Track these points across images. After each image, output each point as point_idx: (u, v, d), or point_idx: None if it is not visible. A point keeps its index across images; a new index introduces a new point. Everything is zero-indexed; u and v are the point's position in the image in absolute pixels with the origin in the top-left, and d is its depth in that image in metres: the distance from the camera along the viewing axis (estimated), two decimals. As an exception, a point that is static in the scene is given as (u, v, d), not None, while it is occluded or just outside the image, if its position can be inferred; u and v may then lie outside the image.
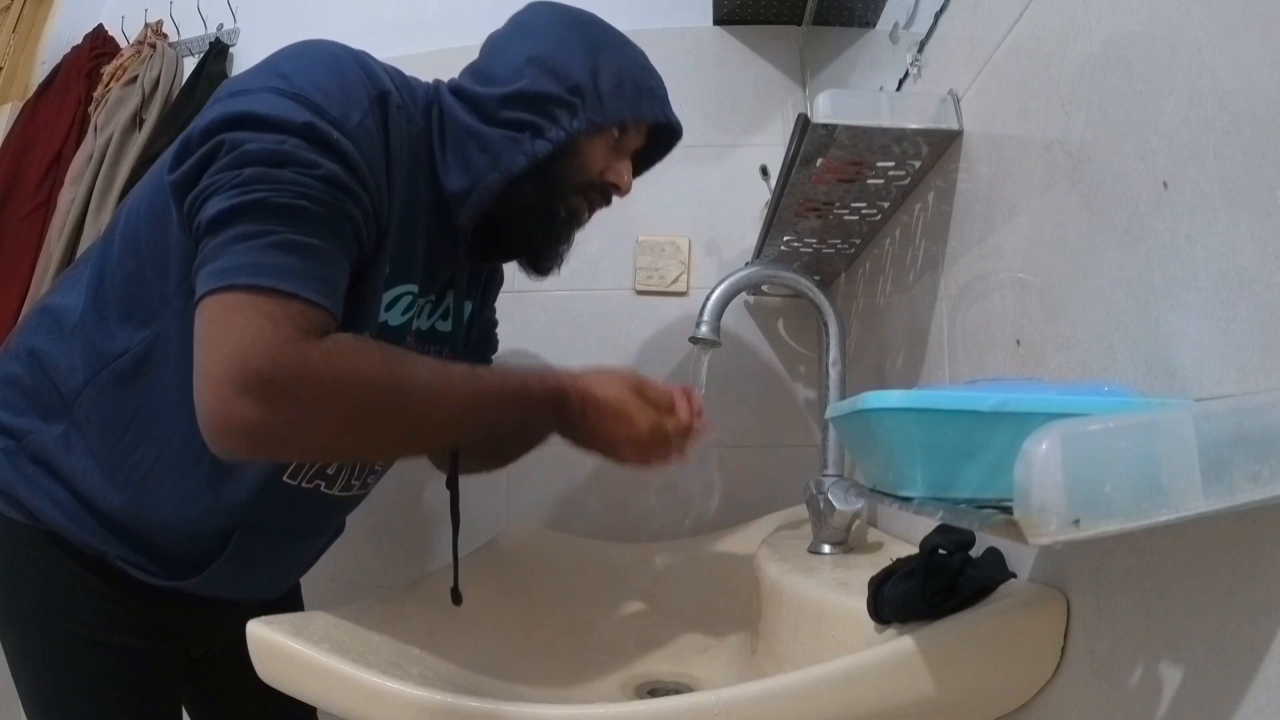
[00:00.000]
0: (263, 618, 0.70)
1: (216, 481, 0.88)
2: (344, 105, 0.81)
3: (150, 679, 0.95)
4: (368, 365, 0.77)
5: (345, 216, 0.79)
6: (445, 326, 1.05)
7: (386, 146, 0.85)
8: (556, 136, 0.92)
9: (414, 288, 0.94)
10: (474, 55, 1.00)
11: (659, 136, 1.06)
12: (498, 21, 1.77)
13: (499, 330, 1.28)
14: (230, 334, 0.72)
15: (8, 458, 0.89)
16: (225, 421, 0.72)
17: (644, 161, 1.09)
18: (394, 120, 0.86)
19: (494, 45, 1.00)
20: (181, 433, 0.86)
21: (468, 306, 1.10)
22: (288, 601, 1.12)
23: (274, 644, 0.68)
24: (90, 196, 1.78)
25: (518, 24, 1.01)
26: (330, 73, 0.83)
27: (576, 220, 1.03)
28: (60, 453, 0.88)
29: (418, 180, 0.91)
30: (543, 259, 1.05)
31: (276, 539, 0.98)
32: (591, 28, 0.99)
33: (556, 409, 0.89)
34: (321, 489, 0.96)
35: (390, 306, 0.92)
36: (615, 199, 1.04)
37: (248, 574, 0.96)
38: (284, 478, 0.91)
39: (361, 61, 0.87)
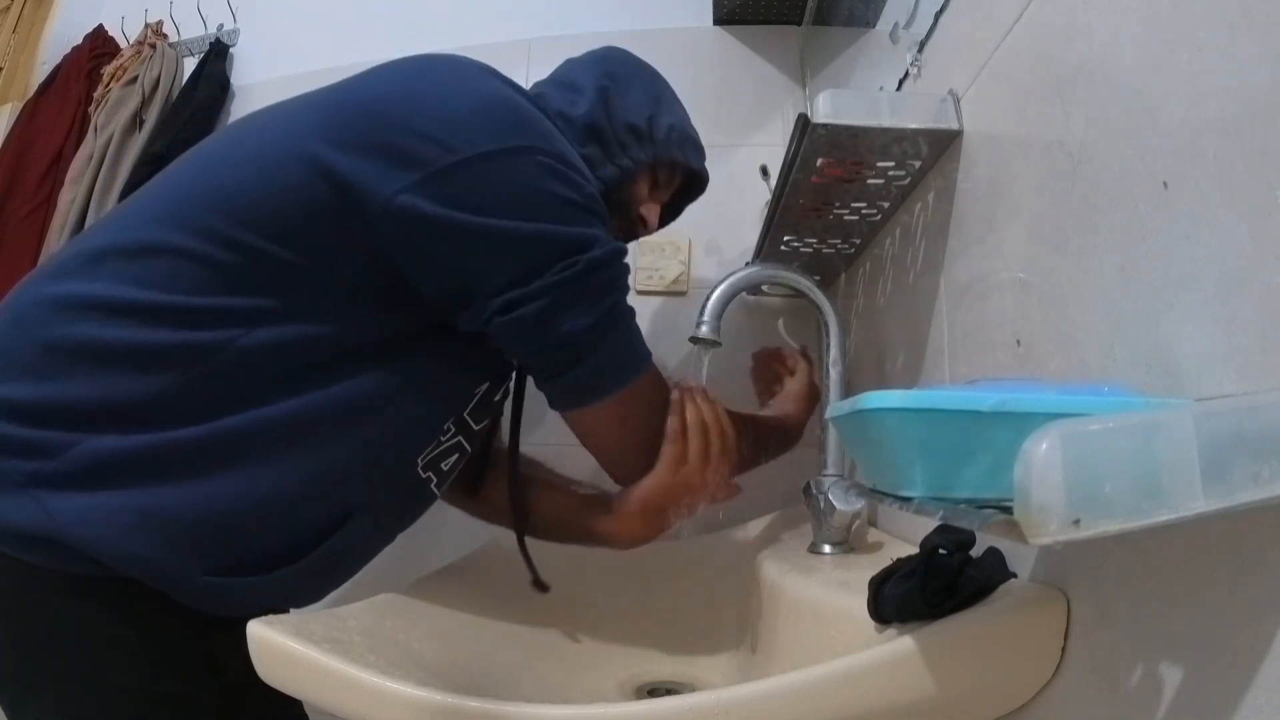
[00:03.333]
0: (263, 618, 0.70)
1: (348, 456, 0.85)
2: (573, 153, 0.90)
3: None
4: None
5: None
6: None
7: None
8: (626, 164, 1.03)
9: None
10: (475, 55, 1.00)
11: (687, 188, 1.20)
12: (496, 22, 1.78)
13: None
14: (635, 411, 0.94)
15: (33, 488, 0.74)
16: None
17: (669, 213, 1.22)
18: None
19: (577, 76, 1.07)
20: (292, 405, 0.82)
21: None
22: None
23: (274, 644, 0.68)
24: (90, 196, 1.78)
25: (609, 68, 1.07)
26: (539, 123, 0.88)
27: None
28: (117, 464, 0.76)
29: None
30: None
31: (376, 533, 0.94)
32: (660, 81, 1.12)
33: None
34: (432, 485, 0.96)
35: None
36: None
37: (332, 570, 0.91)
38: (418, 460, 0.92)
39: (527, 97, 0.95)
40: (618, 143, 1.02)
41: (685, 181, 1.17)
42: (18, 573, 0.75)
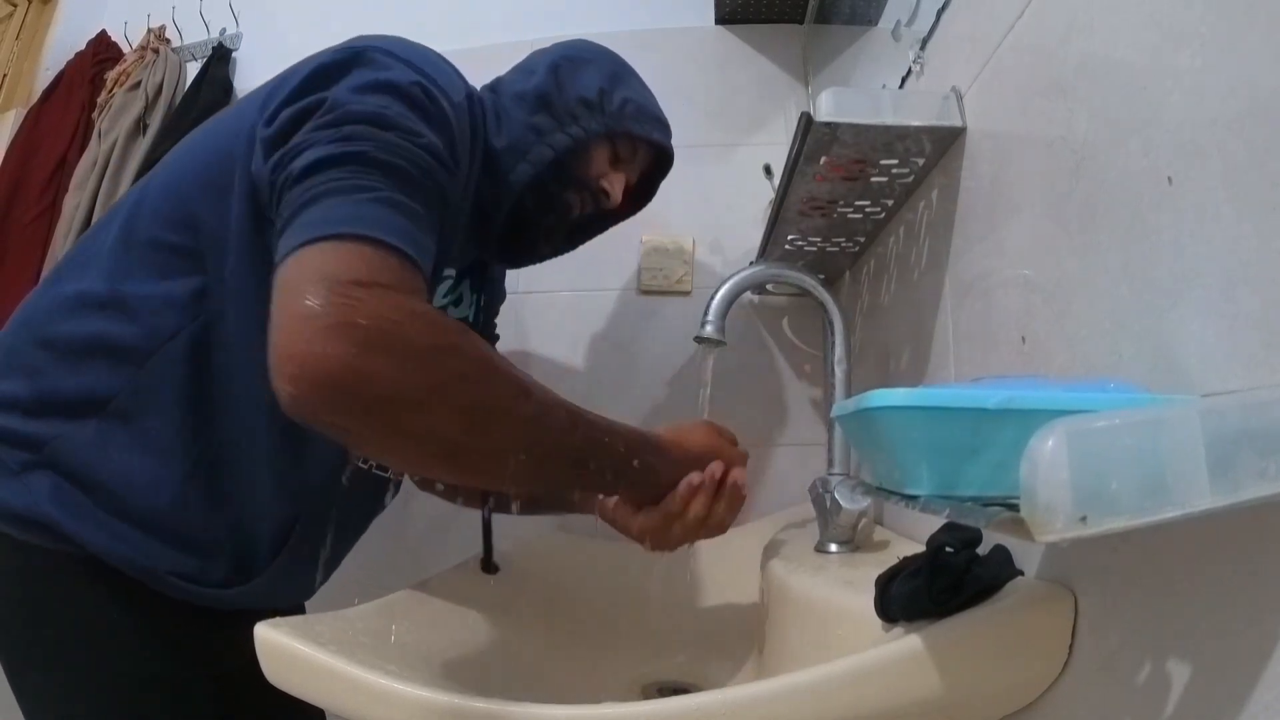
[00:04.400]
0: (270, 620, 0.70)
1: (289, 460, 0.86)
2: (448, 80, 0.86)
3: (189, 709, 0.87)
4: (472, 345, 0.68)
5: (439, 189, 0.78)
6: (460, 314, 1.07)
7: (471, 131, 0.90)
8: (576, 134, 1.00)
9: (453, 271, 0.98)
10: (476, 57, 1.01)
11: (658, 166, 1.17)
12: (499, 24, 1.78)
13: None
14: (327, 275, 0.63)
15: (26, 474, 0.79)
16: (311, 363, 0.60)
17: (638, 197, 1.19)
18: (474, 109, 0.93)
19: (536, 61, 1.07)
20: (252, 406, 0.83)
21: (475, 297, 1.13)
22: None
23: (281, 646, 0.68)
24: (95, 202, 1.78)
25: (567, 52, 1.08)
26: (431, 54, 0.90)
27: (568, 210, 1.07)
28: (94, 455, 0.80)
29: (475, 169, 0.95)
30: (535, 242, 1.08)
31: (332, 530, 0.96)
32: (621, 64, 1.11)
33: (650, 448, 0.83)
34: (373, 469, 0.96)
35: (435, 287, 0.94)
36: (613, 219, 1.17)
37: (299, 572, 0.95)
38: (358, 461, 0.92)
39: (448, 60, 0.93)
40: (568, 113, 1.01)
41: (656, 159, 1.16)
42: (24, 553, 0.80)
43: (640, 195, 1.19)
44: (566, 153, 1.00)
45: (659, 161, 1.16)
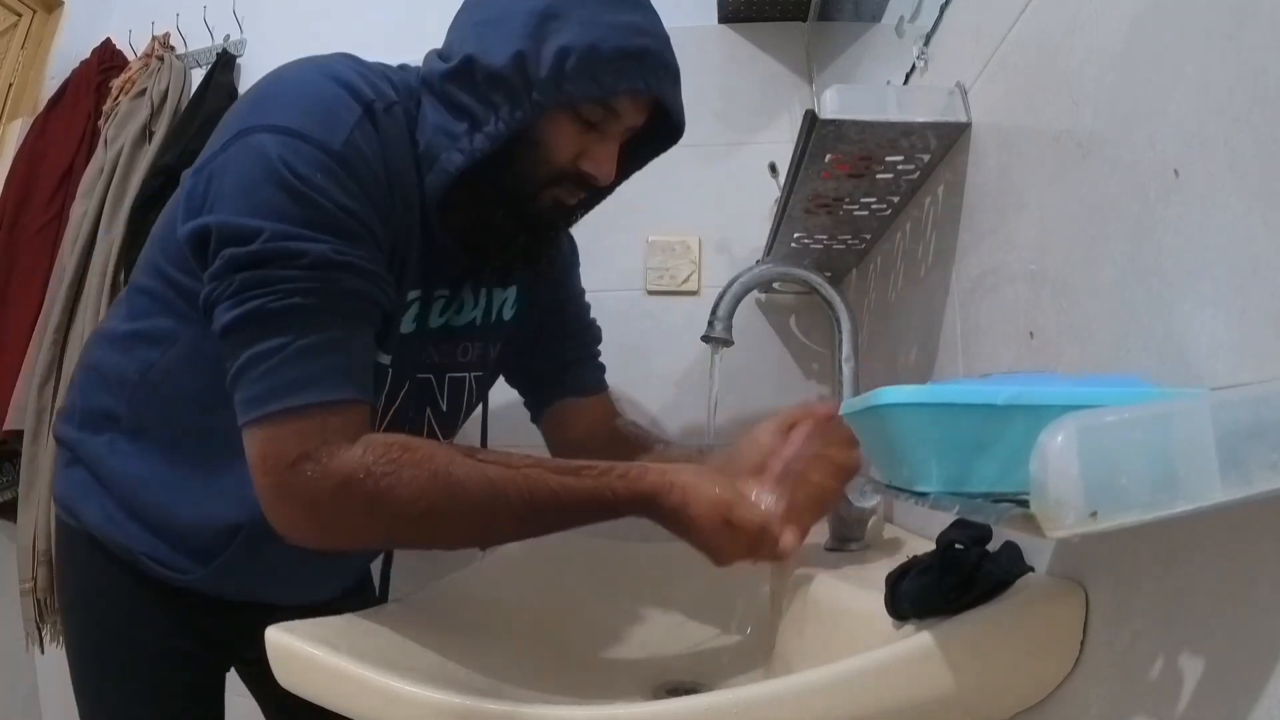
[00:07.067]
0: (282, 623, 0.71)
1: (240, 477, 0.83)
2: (330, 121, 0.78)
3: (187, 679, 1.00)
4: (409, 477, 0.75)
5: (345, 293, 0.77)
6: (462, 320, 1.01)
7: (383, 157, 0.81)
8: (496, 131, 0.82)
9: (418, 292, 0.92)
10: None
11: (654, 116, 0.93)
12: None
13: None
14: (274, 463, 0.74)
15: (69, 469, 0.97)
16: (296, 530, 0.77)
17: (647, 147, 0.97)
18: (384, 125, 0.82)
19: (452, 30, 0.91)
20: (204, 424, 0.90)
21: (506, 294, 1.07)
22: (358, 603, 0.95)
23: (292, 649, 0.68)
24: (102, 209, 1.79)
25: (476, 14, 0.88)
26: (312, 100, 0.79)
27: (556, 215, 0.94)
28: (105, 458, 0.94)
29: (412, 179, 0.86)
30: (528, 258, 0.97)
31: (284, 545, 0.89)
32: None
33: (646, 511, 0.85)
34: None
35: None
36: (609, 195, 0.99)
37: (262, 576, 0.97)
38: None
39: (338, 78, 0.81)
40: (484, 104, 0.82)
41: (650, 111, 0.91)
42: (63, 530, 1.00)
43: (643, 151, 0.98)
44: (500, 151, 0.83)
45: (654, 111, 0.92)
